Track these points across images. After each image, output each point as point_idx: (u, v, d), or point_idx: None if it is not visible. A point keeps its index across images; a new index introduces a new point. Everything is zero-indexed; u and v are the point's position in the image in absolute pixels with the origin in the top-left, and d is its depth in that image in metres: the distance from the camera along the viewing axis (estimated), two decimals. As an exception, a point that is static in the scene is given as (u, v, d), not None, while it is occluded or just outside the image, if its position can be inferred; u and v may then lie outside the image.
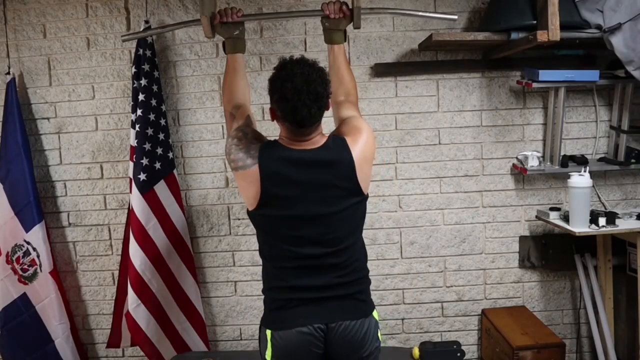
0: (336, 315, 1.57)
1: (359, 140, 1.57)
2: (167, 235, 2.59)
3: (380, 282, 2.79)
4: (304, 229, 1.55)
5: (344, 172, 1.53)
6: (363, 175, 1.56)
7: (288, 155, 1.53)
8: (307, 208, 1.53)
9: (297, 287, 1.58)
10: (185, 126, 2.73)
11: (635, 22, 2.15)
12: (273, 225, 1.59)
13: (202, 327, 2.72)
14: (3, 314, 2.65)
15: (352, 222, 1.61)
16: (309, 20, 2.63)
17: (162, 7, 2.65)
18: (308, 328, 1.56)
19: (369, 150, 1.60)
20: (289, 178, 1.51)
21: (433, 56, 2.67)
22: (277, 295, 1.63)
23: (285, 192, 1.52)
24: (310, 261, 1.56)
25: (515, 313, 2.68)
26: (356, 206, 1.60)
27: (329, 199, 1.53)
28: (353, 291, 1.61)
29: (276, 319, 1.62)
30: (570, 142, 2.69)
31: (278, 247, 1.60)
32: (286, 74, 1.47)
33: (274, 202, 1.53)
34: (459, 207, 2.74)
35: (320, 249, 1.55)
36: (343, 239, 1.58)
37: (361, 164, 1.55)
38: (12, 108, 2.58)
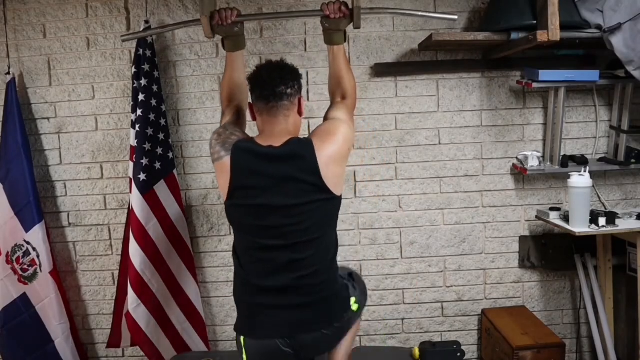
0: (299, 329, 1.62)
1: (326, 142, 1.62)
2: (167, 235, 2.59)
3: (380, 282, 2.79)
4: (267, 219, 1.60)
5: (306, 166, 1.59)
6: (330, 174, 1.60)
7: (256, 150, 1.63)
8: (270, 198, 1.59)
9: (259, 288, 1.62)
10: (185, 126, 2.73)
11: (635, 22, 2.15)
12: (240, 215, 1.67)
13: (202, 327, 2.72)
14: (3, 314, 2.65)
15: (316, 217, 1.62)
16: (309, 20, 2.63)
17: (162, 7, 2.65)
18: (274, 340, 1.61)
19: (338, 152, 1.64)
20: (255, 170, 1.61)
21: (433, 56, 2.67)
22: (243, 298, 1.69)
23: (252, 182, 1.61)
24: (272, 254, 1.61)
25: (515, 313, 2.69)
26: (322, 203, 1.62)
27: (292, 191, 1.59)
28: (315, 299, 1.63)
29: (246, 326, 1.67)
30: (570, 142, 2.69)
31: (244, 240, 1.68)
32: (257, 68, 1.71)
33: (241, 192, 1.62)
34: (459, 207, 2.74)
35: (282, 240, 1.60)
36: (305, 233, 1.60)
37: (326, 162, 1.59)
38: (12, 108, 2.58)
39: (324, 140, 1.63)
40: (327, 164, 1.59)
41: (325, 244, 1.66)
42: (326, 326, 1.65)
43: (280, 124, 1.67)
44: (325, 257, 1.66)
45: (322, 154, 1.60)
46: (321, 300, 1.64)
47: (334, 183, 1.62)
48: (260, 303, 1.63)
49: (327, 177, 1.59)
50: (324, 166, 1.59)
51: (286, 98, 1.65)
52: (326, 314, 1.65)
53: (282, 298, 1.61)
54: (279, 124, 1.67)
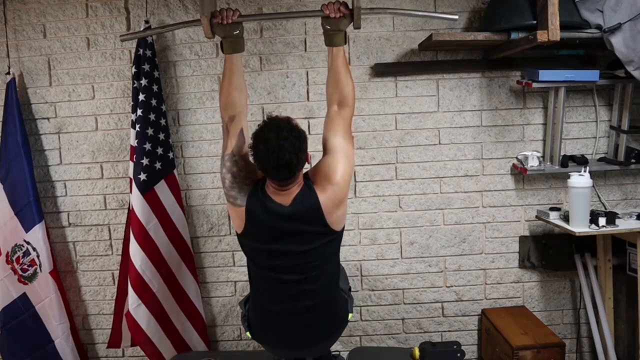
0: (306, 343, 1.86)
1: (327, 190, 1.70)
2: (168, 235, 2.60)
3: (380, 282, 2.79)
4: (279, 260, 1.75)
5: (314, 221, 1.70)
6: (334, 219, 1.72)
7: (268, 206, 1.69)
8: (281, 246, 1.73)
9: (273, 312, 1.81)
10: (185, 126, 2.73)
11: (635, 22, 2.15)
12: (254, 253, 1.81)
13: (202, 327, 2.72)
14: (3, 314, 2.65)
15: (323, 255, 1.77)
16: (309, 20, 2.63)
17: (162, 7, 2.65)
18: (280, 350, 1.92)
19: (340, 195, 1.72)
20: (267, 224, 1.71)
21: (433, 56, 2.67)
22: (257, 315, 1.88)
23: (264, 232, 1.73)
24: (284, 286, 1.77)
25: (515, 313, 2.69)
26: (328, 242, 1.76)
27: (300, 240, 1.72)
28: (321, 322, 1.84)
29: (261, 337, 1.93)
30: (570, 142, 2.69)
31: (257, 269, 1.83)
32: (262, 137, 1.61)
33: (255, 237, 1.76)
34: (459, 207, 2.74)
35: (292, 275, 1.75)
36: (314, 268, 1.76)
37: (330, 211, 1.70)
38: (12, 108, 2.58)
39: (325, 188, 1.70)
40: (330, 212, 1.71)
41: (331, 272, 1.84)
42: (328, 340, 1.92)
43: (291, 192, 1.70)
44: (331, 283, 1.84)
45: (326, 204, 1.69)
46: (326, 322, 1.86)
47: (338, 223, 1.75)
48: (274, 323, 1.84)
49: (332, 222, 1.72)
50: (328, 215, 1.70)
51: (297, 173, 1.66)
52: (330, 332, 1.89)
53: (293, 322, 1.81)
54: (290, 192, 1.69)
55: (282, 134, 1.59)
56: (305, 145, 1.65)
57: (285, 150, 1.57)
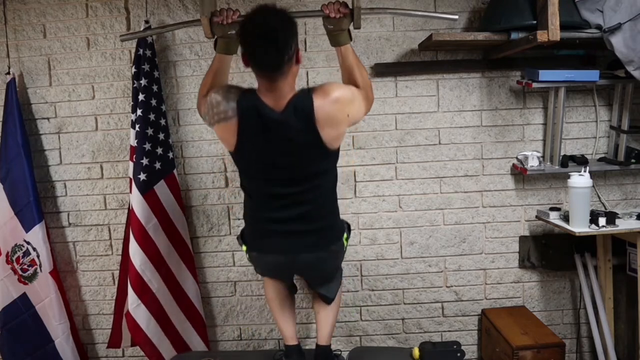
0: (301, 250, 1.87)
1: (324, 99, 1.67)
2: (167, 235, 2.60)
3: (380, 282, 2.79)
4: (272, 172, 1.78)
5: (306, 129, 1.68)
6: (326, 135, 1.70)
7: (260, 109, 1.68)
8: (274, 158, 1.74)
9: (268, 219, 1.84)
10: (185, 126, 2.73)
11: (635, 22, 2.15)
12: (247, 167, 1.84)
13: (202, 327, 2.72)
14: (3, 314, 2.65)
15: (319, 167, 1.79)
16: (308, 20, 2.63)
17: (162, 7, 2.65)
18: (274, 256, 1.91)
19: (337, 112, 1.69)
20: (259, 131, 1.70)
21: (433, 56, 2.67)
22: (254, 224, 1.92)
23: (257, 145, 1.72)
24: (280, 198, 1.80)
25: (515, 313, 2.69)
26: (321, 157, 1.76)
27: (294, 151, 1.72)
28: (316, 227, 1.85)
29: (255, 245, 1.93)
30: (570, 142, 2.69)
31: (253, 183, 1.86)
32: (251, 19, 1.61)
33: (247, 151, 1.76)
34: (459, 207, 2.74)
35: (287, 188, 1.78)
36: (309, 180, 1.78)
37: (323, 123, 1.67)
38: (12, 108, 2.58)
39: (322, 98, 1.67)
40: (322, 126, 1.68)
41: (327, 184, 1.87)
42: (323, 249, 1.91)
43: (280, 88, 1.66)
44: (327, 193, 1.88)
45: (319, 113, 1.66)
46: (321, 228, 1.87)
47: (331, 142, 1.73)
48: (269, 229, 1.86)
49: (325, 137, 1.70)
50: (321, 126, 1.68)
51: (284, 65, 1.61)
52: (324, 239, 1.90)
53: (288, 227, 1.83)
54: (279, 88, 1.66)
55: (270, 12, 1.61)
56: (295, 30, 1.63)
57: (272, 22, 1.57)
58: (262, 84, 1.68)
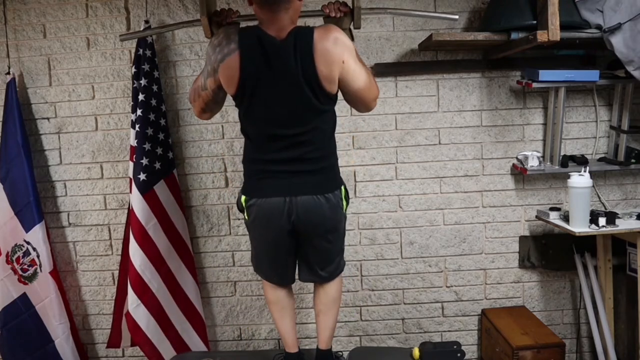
0: (298, 191, 1.83)
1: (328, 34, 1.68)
2: (167, 235, 2.60)
3: (380, 282, 2.79)
4: (272, 111, 1.76)
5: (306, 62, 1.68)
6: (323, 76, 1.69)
7: (262, 37, 1.68)
8: (275, 93, 1.73)
9: (269, 160, 1.83)
10: (185, 126, 2.73)
11: (635, 22, 2.15)
12: (249, 107, 1.80)
13: (202, 327, 2.72)
14: (3, 314, 2.65)
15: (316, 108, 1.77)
16: (309, 20, 2.62)
17: (162, 7, 2.65)
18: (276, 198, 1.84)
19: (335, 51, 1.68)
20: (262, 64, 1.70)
21: (433, 56, 2.67)
22: (253, 167, 1.89)
23: (259, 76, 1.71)
24: (279, 139, 1.79)
25: (515, 313, 2.69)
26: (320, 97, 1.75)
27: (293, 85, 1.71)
28: (314, 168, 1.84)
29: (254, 189, 1.88)
30: (570, 142, 2.69)
31: (254, 125, 1.83)
32: None
33: (249, 87, 1.73)
34: (459, 207, 2.74)
35: (288, 129, 1.77)
36: (309, 123, 1.78)
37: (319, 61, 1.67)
38: (12, 108, 2.58)
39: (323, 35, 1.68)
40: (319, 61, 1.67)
41: (325, 126, 1.85)
42: (320, 192, 1.85)
43: (281, 19, 1.68)
44: (325, 136, 1.86)
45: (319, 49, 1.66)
46: (319, 170, 1.85)
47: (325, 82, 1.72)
48: (267, 170, 1.84)
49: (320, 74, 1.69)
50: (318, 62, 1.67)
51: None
52: (322, 183, 1.87)
53: (287, 167, 1.82)
54: (281, 19, 1.68)
55: None
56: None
57: None
58: (263, 15, 1.69)
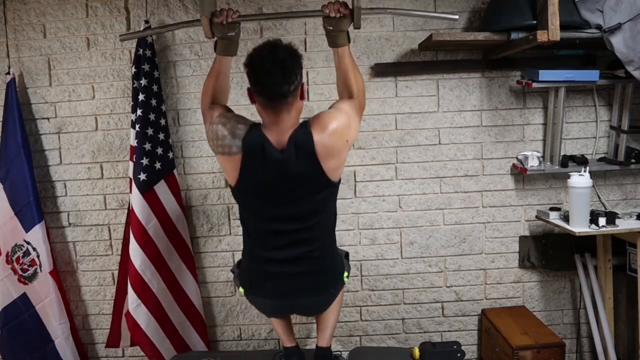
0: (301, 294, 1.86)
1: (323, 136, 1.67)
2: (167, 235, 2.60)
3: (380, 282, 2.79)
4: (273, 208, 1.76)
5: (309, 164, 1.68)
6: (327, 167, 1.69)
7: (266, 148, 1.67)
8: (276, 193, 1.73)
9: (269, 259, 1.81)
10: (185, 126, 2.73)
11: (635, 22, 2.15)
12: (248, 202, 1.82)
13: (202, 327, 2.72)
14: (3, 314, 2.65)
15: (319, 202, 1.78)
16: (309, 21, 2.63)
17: (162, 7, 2.65)
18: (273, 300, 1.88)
19: (334, 146, 1.68)
20: (263, 172, 1.70)
21: (433, 56, 2.67)
22: (252, 264, 1.88)
23: (259, 181, 1.72)
24: (279, 235, 1.78)
25: (515, 313, 2.69)
26: (323, 190, 1.76)
27: (296, 187, 1.72)
28: (316, 269, 1.83)
29: (253, 287, 1.90)
30: (570, 142, 2.69)
31: (253, 219, 1.83)
32: (258, 50, 1.63)
33: (248, 186, 1.74)
34: (459, 207, 2.74)
35: (288, 224, 1.76)
36: (309, 216, 1.77)
37: (324, 155, 1.67)
38: (12, 108, 2.58)
39: (320, 132, 1.67)
40: (325, 157, 1.68)
41: (327, 221, 1.85)
42: (323, 292, 1.89)
43: (284, 121, 1.66)
44: (326, 232, 1.86)
45: (320, 146, 1.66)
46: (321, 271, 1.85)
47: (333, 173, 1.73)
48: (267, 271, 1.83)
49: (327, 169, 1.70)
50: (322, 159, 1.67)
51: (290, 95, 1.62)
52: (324, 283, 1.88)
53: (287, 269, 1.80)
54: (283, 121, 1.66)
55: (277, 44, 1.63)
56: (300, 61, 1.64)
57: (279, 52, 1.60)
58: (266, 116, 1.67)
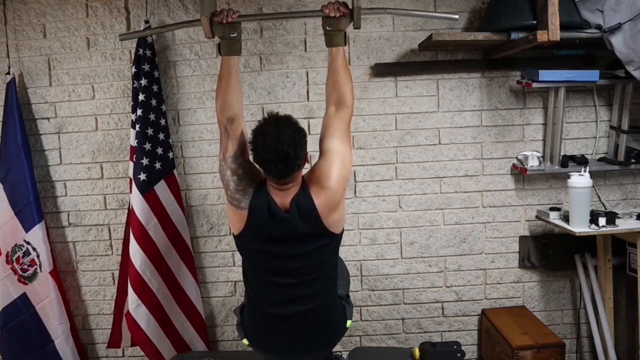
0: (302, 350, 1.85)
1: (321, 194, 1.67)
2: (167, 235, 2.60)
3: (380, 282, 2.79)
4: (276, 262, 1.74)
5: (311, 224, 1.68)
6: (330, 222, 1.70)
7: (272, 208, 1.67)
8: (279, 248, 1.71)
9: (270, 315, 1.80)
10: (185, 126, 2.73)
11: (635, 22, 2.15)
12: (251, 254, 1.80)
13: (202, 327, 2.72)
14: (3, 314, 2.65)
15: (322, 257, 1.76)
16: (309, 20, 2.63)
17: (162, 7, 2.65)
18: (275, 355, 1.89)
19: (334, 199, 1.69)
20: (267, 226, 1.69)
21: (433, 56, 2.67)
22: (255, 320, 1.86)
23: (262, 235, 1.71)
24: (281, 289, 1.76)
25: (515, 313, 2.69)
26: (327, 245, 1.75)
27: (298, 242, 1.71)
28: (317, 327, 1.82)
29: (254, 339, 1.88)
30: (570, 142, 2.69)
31: (254, 271, 1.81)
32: (262, 131, 1.60)
33: (253, 239, 1.74)
34: (459, 207, 2.74)
35: (290, 279, 1.74)
36: (312, 271, 1.75)
37: (326, 214, 1.68)
38: (12, 108, 2.58)
39: (319, 192, 1.68)
40: (326, 216, 1.69)
41: (329, 276, 1.82)
42: (324, 349, 1.91)
43: (289, 190, 1.67)
44: (328, 286, 1.83)
45: (321, 207, 1.67)
46: (321, 329, 1.84)
47: (335, 226, 1.73)
48: (268, 326, 1.82)
49: (330, 225, 1.70)
50: (324, 217, 1.68)
51: (296, 171, 1.64)
52: (326, 339, 1.88)
53: (290, 326, 1.79)
54: (288, 188, 1.67)
55: (281, 128, 1.58)
56: (304, 141, 1.63)
57: (283, 142, 1.56)
58: (270, 182, 1.68)
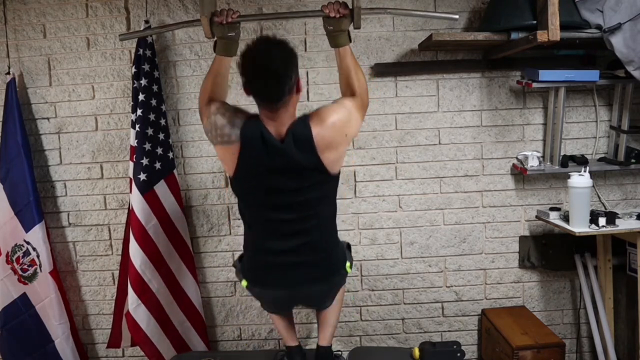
0: (302, 284, 1.86)
1: (321, 126, 1.67)
2: (167, 235, 2.60)
3: (380, 282, 2.79)
4: (273, 197, 1.75)
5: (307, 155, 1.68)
6: (326, 159, 1.70)
7: (264, 135, 1.66)
8: (275, 182, 1.72)
9: (268, 250, 1.82)
10: (185, 126, 2.73)
11: (635, 22, 2.15)
12: (247, 192, 1.80)
13: (202, 327, 2.73)
14: (3, 314, 2.65)
15: (319, 194, 1.77)
16: (309, 21, 2.63)
17: (162, 7, 2.65)
18: (275, 291, 1.90)
19: (333, 139, 1.69)
20: (261, 156, 1.68)
21: (433, 56, 2.67)
22: (254, 257, 1.89)
23: (258, 168, 1.71)
24: (279, 225, 1.78)
25: (515, 313, 2.69)
26: (322, 182, 1.76)
27: (294, 176, 1.71)
28: (317, 258, 1.83)
29: (255, 278, 1.90)
30: (570, 142, 2.69)
31: (252, 209, 1.83)
32: (251, 51, 1.60)
33: (248, 175, 1.74)
34: (459, 207, 2.74)
35: (287, 214, 1.76)
36: (309, 207, 1.77)
37: (322, 148, 1.68)
38: (12, 108, 2.58)
39: (319, 124, 1.67)
40: (323, 150, 1.68)
41: (327, 212, 1.85)
42: (325, 281, 1.90)
43: (281, 116, 1.66)
44: (326, 223, 1.85)
45: (318, 138, 1.66)
46: (322, 260, 1.85)
47: (331, 166, 1.73)
48: (268, 261, 1.84)
49: (326, 161, 1.70)
50: (321, 151, 1.68)
51: (285, 96, 1.62)
52: (326, 271, 1.88)
53: (289, 258, 1.81)
54: (280, 116, 1.66)
55: (271, 46, 1.61)
56: (295, 61, 1.63)
57: (273, 58, 1.56)
58: (263, 112, 1.68)
